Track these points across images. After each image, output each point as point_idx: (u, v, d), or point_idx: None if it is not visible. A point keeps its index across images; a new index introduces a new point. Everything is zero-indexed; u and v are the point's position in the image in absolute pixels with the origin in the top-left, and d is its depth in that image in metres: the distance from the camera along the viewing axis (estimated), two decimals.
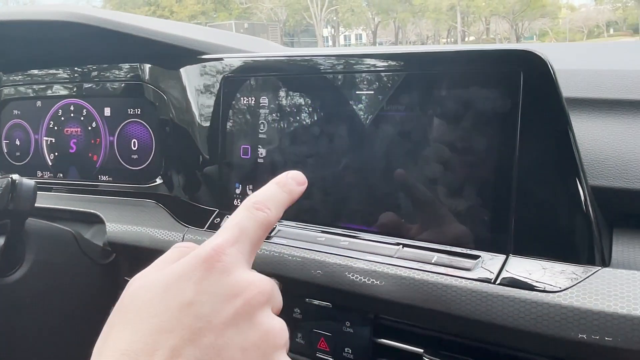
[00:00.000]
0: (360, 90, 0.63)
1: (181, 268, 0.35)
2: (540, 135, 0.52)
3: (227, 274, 0.35)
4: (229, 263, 0.35)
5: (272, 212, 0.42)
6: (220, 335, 0.32)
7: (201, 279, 0.34)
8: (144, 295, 0.34)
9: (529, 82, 0.52)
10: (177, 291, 0.33)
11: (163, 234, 0.76)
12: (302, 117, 0.68)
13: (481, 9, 28.77)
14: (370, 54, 0.64)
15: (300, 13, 30.97)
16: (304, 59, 0.69)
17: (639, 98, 0.57)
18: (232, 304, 0.34)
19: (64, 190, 0.94)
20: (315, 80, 0.67)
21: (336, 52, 0.67)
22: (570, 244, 0.51)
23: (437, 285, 0.54)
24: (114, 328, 0.34)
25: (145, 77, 0.85)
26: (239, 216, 0.41)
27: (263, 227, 0.41)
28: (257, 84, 0.72)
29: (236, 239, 0.38)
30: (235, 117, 0.74)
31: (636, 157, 0.54)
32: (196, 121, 0.79)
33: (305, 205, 0.68)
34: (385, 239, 0.61)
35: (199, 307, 0.33)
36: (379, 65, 0.63)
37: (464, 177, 0.56)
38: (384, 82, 0.62)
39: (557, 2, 31.16)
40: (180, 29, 0.80)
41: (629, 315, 0.45)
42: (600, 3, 30.15)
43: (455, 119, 0.57)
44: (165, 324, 0.32)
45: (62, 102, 0.93)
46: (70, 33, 0.79)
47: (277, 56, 0.71)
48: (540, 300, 0.49)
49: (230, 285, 0.34)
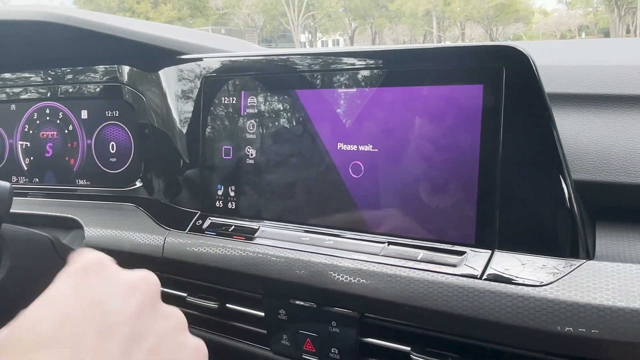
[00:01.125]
0: (342, 88, 0.63)
1: (69, 284, 0.33)
2: (523, 130, 0.52)
3: (115, 274, 0.35)
4: (112, 265, 0.36)
5: None
6: (133, 327, 0.33)
7: (92, 285, 0.33)
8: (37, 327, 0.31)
9: (511, 77, 0.52)
10: (72, 305, 0.32)
11: (144, 237, 0.74)
12: (283, 117, 0.68)
13: (456, 14, 29.12)
14: (353, 51, 0.64)
15: (278, 19, 30.98)
16: (284, 58, 0.68)
17: (617, 93, 0.58)
18: (133, 298, 0.34)
19: (41, 195, 0.92)
20: (296, 78, 0.67)
21: (317, 51, 0.67)
22: (555, 238, 0.51)
23: (423, 282, 0.54)
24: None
25: (123, 79, 0.83)
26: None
27: None
28: (237, 84, 0.72)
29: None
30: (216, 118, 0.73)
31: (617, 151, 0.54)
32: (176, 123, 0.78)
33: (289, 205, 0.67)
34: (370, 237, 0.61)
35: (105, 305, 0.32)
36: (360, 63, 0.62)
37: (448, 173, 0.56)
38: (366, 80, 0.62)
39: (530, 7, 31.68)
40: (158, 29, 0.78)
41: (614, 307, 0.45)
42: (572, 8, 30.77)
43: (438, 116, 0.57)
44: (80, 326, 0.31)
45: (37, 105, 0.91)
46: (45, 34, 0.77)
47: (257, 55, 0.71)
48: (526, 294, 0.49)
49: (123, 281, 0.34)
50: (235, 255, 0.66)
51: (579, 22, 30.34)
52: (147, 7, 28.90)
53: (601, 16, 28.52)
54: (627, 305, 0.45)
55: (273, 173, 0.68)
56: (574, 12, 30.23)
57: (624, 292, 0.46)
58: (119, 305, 0.33)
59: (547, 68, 0.62)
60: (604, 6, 26.78)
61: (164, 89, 0.79)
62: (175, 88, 0.78)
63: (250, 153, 0.70)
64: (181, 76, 0.78)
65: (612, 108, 0.57)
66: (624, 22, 24.16)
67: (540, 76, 0.51)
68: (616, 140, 0.55)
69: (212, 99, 0.74)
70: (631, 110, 0.56)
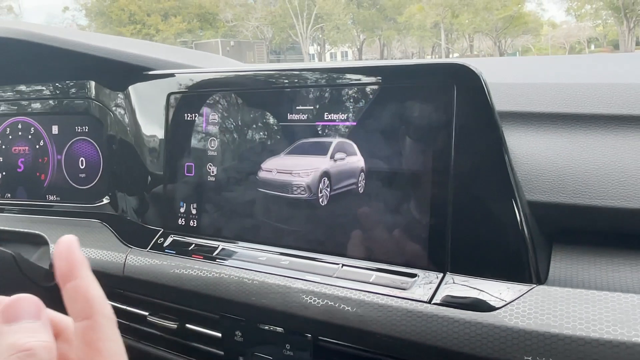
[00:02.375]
0: (300, 105, 0.62)
1: None
2: (474, 149, 0.51)
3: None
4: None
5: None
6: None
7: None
8: None
9: (462, 94, 0.51)
10: None
11: (106, 254, 0.73)
12: (243, 134, 0.67)
13: (465, 26, 29.13)
14: (311, 68, 0.63)
15: (286, 31, 31.15)
16: (246, 74, 0.68)
17: (575, 112, 0.56)
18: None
19: (12, 210, 0.91)
20: (257, 96, 0.66)
21: (280, 67, 0.66)
22: (505, 261, 0.50)
23: (373, 305, 0.52)
24: None
25: (92, 95, 0.83)
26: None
27: None
28: (200, 101, 0.71)
29: None
30: (180, 135, 0.73)
31: (573, 172, 0.52)
32: (142, 139, 0.77)
33: (248, 223, 0.66)
34: (326, 258, 0.60)
35: None
36: (318, 80, 0.61)
37: (401, 193, 0.55)
38: (323, 98, 0.61)
39: (539, 19, 31.63)
40: (125, 44, 0.78)
41: (560, 334, 0.44)
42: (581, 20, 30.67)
43: (392, 134, 0.55)
44: None
45: (10, 121, 0.91)
46: (12, 50, 0.77)
47: (220, 72, 0.70)
48: (473, 320, 0.47)
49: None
50: (193, 275, 0.64)
51: (588, 34, 30.27)
52: (157, 19, 29.18)
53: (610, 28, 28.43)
54: (573, 333, 0.43)
55: (232, 191, 0.67)
56: (583, 24, 30.13)
57: (571, 318, 0.44)
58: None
59: (505, 86, 0.61)
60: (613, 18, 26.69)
61: (131, 104, 0.79)
62: (142, 104, 0.78)
63: (212, 170, 0.69)
64: (147, 92, 0.78)
65: (569, 127, 0.56)
66: (633, 34, 24.05)
67: (490, 94, 0.50)
68: (572, 161, 0.53)
69: (176, 115, 0.73)
70: (587, 129, 0.55)
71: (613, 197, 0.50)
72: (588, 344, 0.43)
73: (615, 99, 0.56)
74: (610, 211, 0.50)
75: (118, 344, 0.33)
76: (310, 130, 0.61)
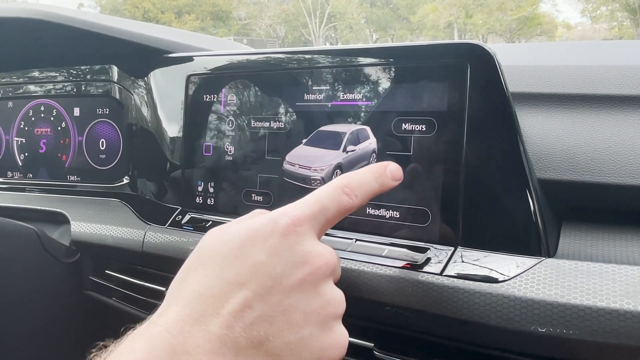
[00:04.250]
0: (315, 85, 0.64)
1: (258, 229, 0.37)
2: (487, 127, 0.52)
3: (299, 243, 0.37)
4: (302, 234, 0.38)
5: (357, 200, 0.43)
6: (286, 297, 0.35)
7: (276, 244, 0.37)
8: (222, 247, 0.37)
9: (475, 74, 0.53)
10: (253, 249, 0.36)
11: (125, 232, 0.76)
12: (260, 114, 0.69)
13: (478, 26, 29.01)
14: (327, 50, 0.65)
15: (299, 29, 31.21)
16: (265, 56, 0.69)
17: (585, 92, 0.57)
18: (300, 270, 0.36)
19: (34, 190, 0.94)
20: (273, 76, 0.68)
21: (296, 50, 0.68)
22: (516, 236, 0.51)
23: (386, 277, 0.54)
24: (191, 272, 0.37)
25: (114, 77, 0.85)
26: (325, 193, 0.42)
27: (343, 212, 0.42)
28: (218, 82, 0.73)
29: (314, 216, 0.40)
30: (198, 116, 0.75)
31: (583, 150, 0.54)
32: (161, 120, 0.79)
33: (264, 201, 0.68)
34: (341, 233, 0.61)
35: (271, 268, 0.36)
36: (334, 61, 0.63)
37: (413, 170, 0.56)
38: (340, 78, 0.62)
39: (553, 20, 31.44)
40: (146, 28, 0.80)
41: (568, 303, 0.45)
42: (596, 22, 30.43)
43: (404, 113, 0.57)
44: (240, 277, 0.35)
45: (32, 103, 0.94)
46: (37, 32, 0.79)
47: (238, 54, 0.72)
48: (483, 290, 0.49)
49: (301, 253, 0.37)
50: None
51: (603, 36, 29.99)
52: (171, 17, 29.35)
53: (626, 30, 28.16)
54: (580, 302, 0.45)
55: (249, 170, 0.69)
56: (598, 26, 29.90)
57: (579, 289, 0.45)
58: (283, 273, 0.36)
59: (518, 68, 0.62)
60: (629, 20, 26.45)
61: (151, 87, 0.81)
62: (162, 86, 0.80)
63: (229, 150, 0.71)
64: (167, 75, 0.80)
65: (580, 107, 0.57)
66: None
67: (504, 74, 0.51)
68: (582, 140, 0.54)
69: (195, 96, 0.75)
70: (598, 109, 0.56)
71: (622, 174, 0.51)
72: (595, 312, 0.44)
73: (625, 80, 0.57)
74: (618, 188, 0.51)
75: None
76: (326, 112, 0.63)
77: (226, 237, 0.38)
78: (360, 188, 0.43)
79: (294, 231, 0.37)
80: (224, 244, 0.37)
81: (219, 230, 0.40)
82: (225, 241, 0.37)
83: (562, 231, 0.54)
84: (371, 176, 0.45)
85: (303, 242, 0.38)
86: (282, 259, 0.36)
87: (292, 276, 0.36)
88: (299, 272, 0.36)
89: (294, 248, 0.37)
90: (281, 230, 0.37)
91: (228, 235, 0.38)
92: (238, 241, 0.37)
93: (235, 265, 0.36)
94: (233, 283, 0.35)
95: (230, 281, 0.35)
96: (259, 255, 0.36)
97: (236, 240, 0.37)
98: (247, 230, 0.37)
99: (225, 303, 0.34)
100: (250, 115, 0.69)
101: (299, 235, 0.38)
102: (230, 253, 0.36)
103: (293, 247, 0.37)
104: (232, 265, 0.36)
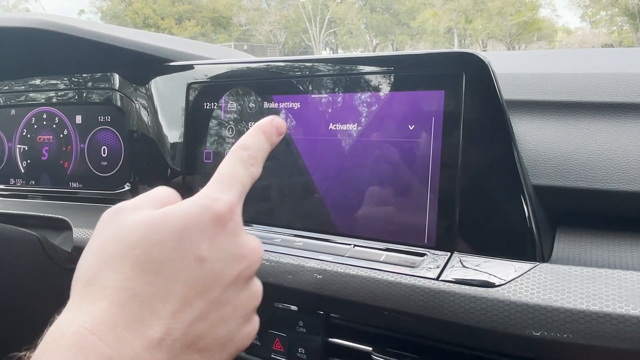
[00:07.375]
0: (314, 94, 0.65)
1: (193, 218, 0.33)
2: (482, 134, 0.53)
3: (236, 234, 0.35)
4: (238, 223, 0.36)
5: (260, 168, 0.41)
6: (223, 292, 0.34)
7: (215, 235, 0.34)
8: (152, 236, 0.32)
9: (471, 82, 0.54)
10: (192, 242, 0.32)
11: None
12: None
13: (478, 31, 29.09)
14: (325, 59, 0.66)
15: (299, 35, 31.30)
16: (262, 65, 0.71)
17: (579, 100, 0.58)
18: (238, 265, 0.35)
19: (36, 197, 0.95)
20: (272, 84, 0.69)
21: (295, 58, 0.69)
22: (511, 241, 0.52)
23: (383, 282, 0.55)
24: (110, 263, 0.31)
25: (115, 85, 0.86)
26: (238, 169, 0.39)
27: (251, 183, 0.40)
28: (218, 90, 0.74)
29: (240, 198, 0.37)
30: (199, 123, 0.76)
31: (577, 157, 0.55)
32: (162, 127, 0.80)
33: (264, 207, 0.69)
34: (339, 239, 0.62)
35: (212, 264, 0.33)
36: (333, 69, 0.64)
37: (410, 177, 0.57)
38: (337, 86, 0.63)
39: (553, 25, 31.50)
40: (146, 37, 0.81)
41: (561, 308, 0.46)
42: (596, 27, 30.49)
43: (403, 121, 0.58)
44: (181, 274, 0.32)
45: (35, 110, 0.95)
46: (40, 41, 0.81)
47: (238, 62, 0.73)
48: (479, 295, 0.49)
49: (239, 245, 0.35)
50: None
51: (603, 41, 30.04)
52: (171, 22, 29.45)
53: (626, 35, 28.21)
54: (574, 306, 0.45)
55: None
56: (597, 30, 29.94)
57: (573, 293, 0.46)
58: (223, 269, 0.34)
59: (512, 76, 0.63)
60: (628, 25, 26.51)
61: (152, 94, 0.82)
62: (163, 94, 0.81)
63: None
64: (168, 82, 0.81)
65: (574, 115, 0.58)
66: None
67: (498, 82, 0.52)
68: (576, 147, 0.55)
69: (196, 104, 0.76)
70: (592, 117, 0.57)
71: (615, 180, 0.52)
72: (588, 316, 0.45)
73: (618, 88, 0.58)
74: (612, 194, 0.52)
75: None
76: (323, 116, 0.64)
77: (154, 224, 0.32)
78: (260, 153, 0.41)
79: (231, 219, 0.35)
80: (153, 232, 0.32)
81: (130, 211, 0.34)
82: (153, 228, 0.32)
83: (556, 236, 0.55)
84: (263, 137, 0.42)
85: (238, 232, 0.35)
86: (223, 252, 0.34)
87: (231, 271, 0.34)
88: (236, 267, 0.35)
89: (231, 240, 0.35)
90: (218, 219, 0.34)
91: (156, 222, 0.32)
92: (174, 231, 0.32)
93: (172, 259, 0.31)
94: (172, 280, 0.31)
95: (168, 277, 0.31)
96: (200, 249, 0.33)
97: (171, 229, 0.32)
98: (182, 219, 0.33)
99: (165, 303, 0.30)
100: (250, 122, 0.70)
101: (236, 224, 0.35)
102: (165, 245, 0.32)
103: (231, 239, 0.34)
104: (169, 259, 0.31)
